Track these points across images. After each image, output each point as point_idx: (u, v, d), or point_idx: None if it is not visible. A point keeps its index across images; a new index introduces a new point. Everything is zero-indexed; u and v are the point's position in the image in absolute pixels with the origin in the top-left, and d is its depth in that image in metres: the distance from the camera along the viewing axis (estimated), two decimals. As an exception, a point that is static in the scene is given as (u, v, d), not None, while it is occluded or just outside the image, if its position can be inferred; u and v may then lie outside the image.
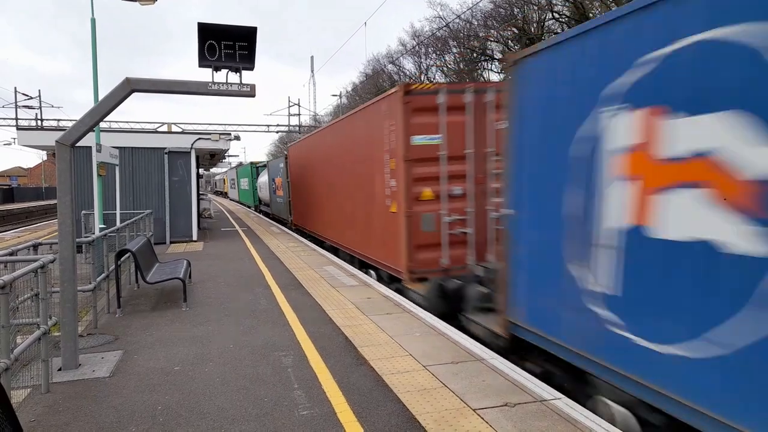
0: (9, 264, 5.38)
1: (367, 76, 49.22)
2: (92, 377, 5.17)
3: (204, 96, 5.74)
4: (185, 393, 4.73)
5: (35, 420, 4.23)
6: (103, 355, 5.82)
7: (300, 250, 14.35)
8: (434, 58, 40.99)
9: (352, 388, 4.74)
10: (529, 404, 4.28)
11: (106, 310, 7.76)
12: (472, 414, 4.12)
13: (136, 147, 16.51)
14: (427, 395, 4.50)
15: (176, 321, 7.25)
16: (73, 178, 5.42)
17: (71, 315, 5.43)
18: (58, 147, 5.31)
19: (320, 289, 9.09)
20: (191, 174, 17.18)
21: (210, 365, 5.45)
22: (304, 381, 4.94)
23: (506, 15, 32.92)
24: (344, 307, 7.80)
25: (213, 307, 7.99)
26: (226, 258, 13.27)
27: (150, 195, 16.64)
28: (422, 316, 7.13)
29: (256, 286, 9.57)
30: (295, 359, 5.56)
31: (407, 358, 5.45)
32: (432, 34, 37.53)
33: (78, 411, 4.40)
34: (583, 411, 4.16)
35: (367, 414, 4.20)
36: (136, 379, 5.11)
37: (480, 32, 35.14)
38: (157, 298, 8.75)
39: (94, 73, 12.19)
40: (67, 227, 5.38)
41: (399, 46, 44.57)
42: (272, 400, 4.53)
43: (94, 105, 6.20)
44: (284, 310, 7.67)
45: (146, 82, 5.64)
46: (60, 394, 4.77)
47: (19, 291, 4.88)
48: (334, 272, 10.81)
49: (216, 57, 5.65)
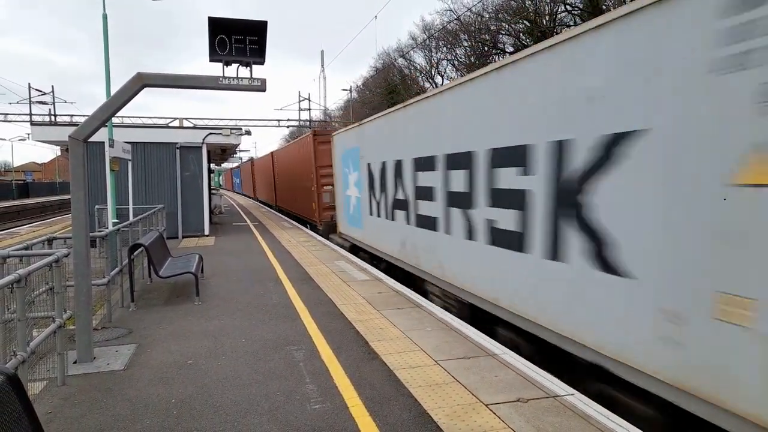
0: (24, 258, 5.44)
1: (378, 71, 49.07)
2: (107, 370, 5.23)
3: (215, 91, 5.75)
4: (198, 386, 4.76)
5: (51, 412, 4.29)
6: (117, 349, 5.87)
7: (311, 245, 14.38)
8: (445, 51, 40.75)
9: (364, 382, 4.74)
10: (542, 400, 4.25)
11: (119, 304, 7.83)
12: (484, 409, 4.11)
13: (148, 142, 16.63)
14: (439, 390, 4.49)
15: (189, 315, 7.30)
16: (86, 173, 5.46)
17: (86, 308, 5.48)
18: (71, 142, 5.35)
19: (331, 284, 9.10)
20: (203, 169, 17.27)
21: (223, 359, 5.48)
22: (315, 375, 4.95)
23: (518, 7, 32.61)
24: (355, 301, 7.80)
25: (225, 302, 8.03)
26: (237, 252, 13.34)
27: (162, 190, 16.76)
28: (434, 311, 7.11)
29: (268, 280, 9.61)
30: (306, 353, 5.57)
31: (419, 353, 5.44)
32: (443, 27, 37.31)
33: (93, 403, 4.45)
34: (597, 407, 4.12)
35: (379, 408, 4.20)
36: (150, 372, 5.16)
37: (491, 25, 34.85)
38: (170, 292, 8.82)
39: (107, 69, 12.26)
40: (81, 222, 5.43)
41: (409, 39, 44.39)
42: (284, 393, 4.54)
43: (106, 100, 6.23)
44: (296, 305, 7.70)
45: (157, 76, 5.65)
46: (75, 386, 4.83)
47: (34, 285, 4.93)
48: (345, 267, 10.82)
49: (226, 51, 5.66)
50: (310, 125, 46.56)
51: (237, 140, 18.39)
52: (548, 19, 32.36)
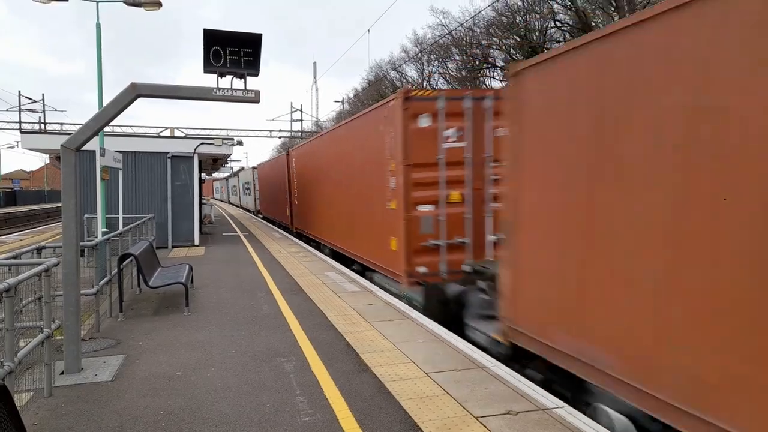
0: (13, 267, 5.39)
1: (370, 83, 49.35)
2: (94, 381, 5.18)
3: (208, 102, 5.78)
4: (187, 398, 4.73)
5: (38, 423, 4.23)
6: (106, 359, 5.82)
7: (301, 256, 14.36)
8: (436, 65, 41.11)
9: (354, 394, 4.74)
10: (531, 412, 4.27)
11: (108, 314, 7.76)
12: (474, 422, 4.12)
13: (139, 151, 16.56)
14: (430, 402, 4.50)
15: (178, 326, 7.25)
16: (77, 183, 5.44)
17: (74, 319, 5.43)
18: (64, 151, 5.34)
19: (322, 295, 9.09)
20: (194, 178, 17.23)
21: (212, 370, 5.45)
22: (306, 387, 4.94)
23: (508, 23, 33.04)
24: (346, 312, 7.79)
25: (215, 312, 7.99)
26: (227, 262, 13.28)
27: (153, 199, 16.67)
28: (424, 323, 7.12)
29: (258, 291, 9.57)
30: (297, 365, 5.56)
31: (409, 365, 5.45)
32: (434, 41, 37.67)
33: (80, 415, 4.40)
34: (586, 420, 4.15)
35: (369, 421, 4.20)
36: (139, 383, 5.11)
37: (483, 40, 35.24)
38: (159, 302, 8.75)
39: (99, 78, 12.26)
40: (72, 231, 5.40)
41: (402, 53, 44.73)
42: (274, 406, 4.53)
43: (99, 110, 6.24)
44: (286, 316, 7.67)
45: (151, 87, 5.68)
46: (62, 397, 4.78)
47: (22, 294, 4.89)
48: (336, 278, 10.81)
49: (221, 63, 5.69)
50: (302, 136, 46.65)
51: (229, 150, 18.38)
52: (538, 34, 32.81)
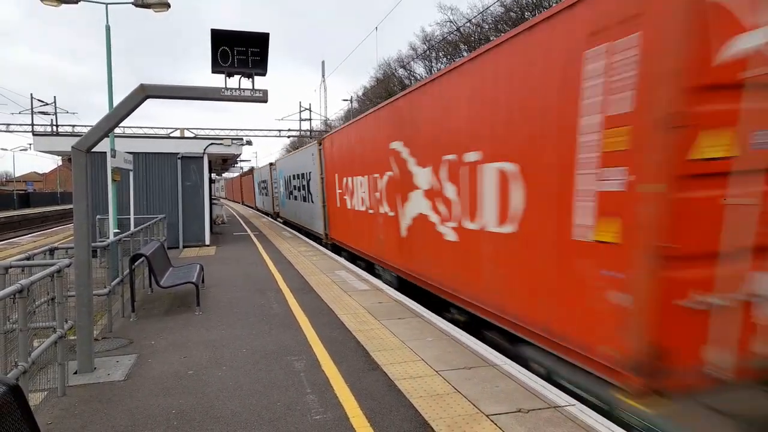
0: (26, 268, 5.45)
1: (378, 81, 49.32)
2: (107, 381, 5.22)
3: (217, 102, 5.80)
4: (199, 397, 4.76)
5: (52, 422, 4.28)
6: (118, 359, 5.87)
7: (311, 254, 14.39)
8: (445, 62, 40.98)
9: (365, 393, 4.74)
10: (542, 410, 4.24)
11: (120, 314, 7.83)
12: (485, 419, 4.10)
13: (149, 152, 16.68)
14: (440, 400, 4.49)
15: (189, 325, 7.30)
16: (88, 184, 5.49)
17: (87, 319, 5.48)
18: (74, 153, 5.38)
19: (332, 294, 9.10)
20: (204, 179, 17.32)
21: (223, 369, 5.47)
22: (316, 385, 4.94)
23: (517, 19, 32.86)
24: (356, 311, 7.80)
25: (226, 312, 8.03)
26: (238, 262, 13.34)
27: (163, 200, 16.80)
28: (434, 321, 7.10)
29: (268, 290, 9.61)
30: (307, 364, 5.57)
31: (420, 363, 5.44)
32: (443, 38, 37.56)
33: (94, 414, 4.44)
34: (597, 417, 4.11)
35: (380, 419, 4.19)
36: (151, 382, 5.15)
37: (491, 36, 35.07)
38: (171, 302, 8.81)
39: (109, 80, 12.34)
40: (83, 232, 5.45)
41: (410, 50, 44.67)
42: (285, 404, 4.54)
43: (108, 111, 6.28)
44: (296, 315, 7.69)
45: (160, 88, 5.70)
46: (76, 397, 4.82)
47: (35, 295, 4.94)
48: (346, 276, 10.82)
49: (229, 63, 5.71)
50: (311, 135, 46.73)
51: (238, 150, 18.45)
52: (547, 29, 32.58)
